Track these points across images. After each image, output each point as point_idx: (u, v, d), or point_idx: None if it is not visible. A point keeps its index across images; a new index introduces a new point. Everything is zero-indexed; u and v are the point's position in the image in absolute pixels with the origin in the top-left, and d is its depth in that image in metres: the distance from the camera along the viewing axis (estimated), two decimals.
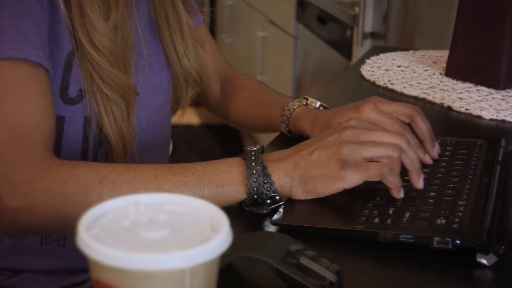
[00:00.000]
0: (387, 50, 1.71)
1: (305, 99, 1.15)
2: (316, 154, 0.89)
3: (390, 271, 0.81)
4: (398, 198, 0.89)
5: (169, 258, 0.50)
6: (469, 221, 0.84)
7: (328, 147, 0.89)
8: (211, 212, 0.56)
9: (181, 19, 1.10)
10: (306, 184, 0.89)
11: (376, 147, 0.89)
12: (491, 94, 1.43)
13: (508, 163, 1.02)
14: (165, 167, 0.89)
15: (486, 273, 0.79)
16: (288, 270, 0.73)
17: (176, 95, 1.16)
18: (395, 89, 1.45)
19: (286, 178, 0.89)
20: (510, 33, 1.43)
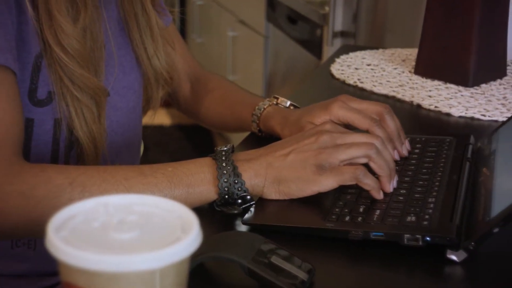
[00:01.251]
0: (357, 48, 1.72)
1: (276, 98, 1.15)
2: (291, 156, 0.90)
3: (361, 268, 0.82)
4: (380, 198, 0.89)
5: (139, 259, 0.50)
6: (439, 218, 0.84)
7: (304, 151, 0.90)
8: (181, 212, 0.56)
9: (150, 19, 1.10)
10: (280, 185, 0.89)
11: (351, 148, 0.89)
12: (460, 92, 1.44)
13: (477, 160, 1.03)
14: (135, 169, 0.89)
15: (456, 269, 0.80)
16: (260, 269, 0.73)
17: (147, 95, 1.16)
18: (365, 87, 1.46)
19: (258, 178, 0.89)
20: (478, 31, 1.44)
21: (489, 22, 1.47)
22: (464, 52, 1.46)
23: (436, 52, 1.50)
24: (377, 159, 0.90)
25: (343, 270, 0.82)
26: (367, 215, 0.86)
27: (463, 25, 1.45)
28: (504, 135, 1.02)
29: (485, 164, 0.98)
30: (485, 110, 1.34)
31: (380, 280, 0.79)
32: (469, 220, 0.85)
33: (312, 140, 0.91)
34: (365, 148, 0.90)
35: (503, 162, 0.94)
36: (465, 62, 1.46)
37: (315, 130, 0.93)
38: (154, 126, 3.94)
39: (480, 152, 1.04)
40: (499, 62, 1.53)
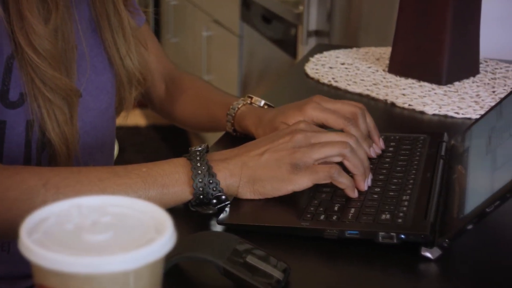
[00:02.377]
0: (331, 47, 1.72)
1: (250, 97, 1.15)
2: (266, 156, 0.90)
3: (336, 267, 0.82)
4: (354, 197, 0.89)
5: (112, 260, 0.50)
6: (413, 216, 0.85)
7: (279, 151, 0.90)
8: (155, 213, 0.55)
9: (122, 19, 1.09)
10: (255, 185, 0.90)
11: (326, 147, 0.90)
12: (433, 90, 1.44)
13: (450, 157, 1.03)
14: (110, 170, 0.89)
15: (430, 266, 0.81)
16: (235, 269, 0.73)
17: (120, 96, 1.15)
18: (339, 86, 1.46)
19: (233, 178, 0.89)
20: (450, 29, 1.45)
21: (461, 20, 1.48)
22: (437, 51, 1.47)
23: (410, 50, 1.50)
24: (351, 158, 0.90)
25: (319, 268, 0.82)
26: (342, 213, 0.86)
27: (436, 23, 1.46)
28: (477, 132, 1.03)
29: (459, 162, 0.99)
30: (459, 108, 1.35)
31: (355, 278, 0.80)
32: (443, 217, 0.86)
33: (286, 140, 0.91)
34: (339, 147, 0.90)
35: (477, 159, 0.95)
36: (438, 60, 1.47)
37: (290, 129, 0.93)
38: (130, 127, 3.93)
39: (454, 149, 1.05)
40: (472, 60, 1.54)
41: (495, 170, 0.85)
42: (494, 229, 0.89)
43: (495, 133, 0.96)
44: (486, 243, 0.87)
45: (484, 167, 0.89)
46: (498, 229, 0.90)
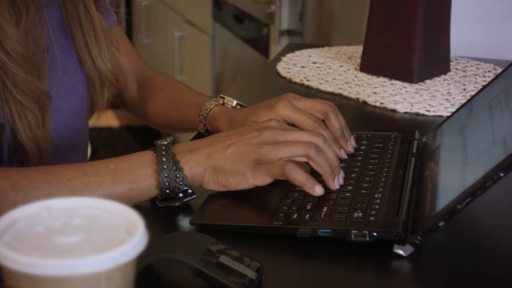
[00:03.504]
0: (303, 47, 1.73)
1: (222, 98, 1.15)
2: (231, 149, 0.90)
3: (309, 265, 0.82)
4: (314, 195, 0.89)
5: (83, 262, 0.49)
6: (385, 213, 0.85)
7: (244, 145, 0.90)
8: (126, 214, 0.55)
9: (94, 21, 1.09)
10: (218, 176, 0.90)
11: (290, 147, 0.90)
12: (404, 88, 1.45)
13: (422, 155, 1.04)
14: (78, 168, 0.88)
15: (403, 264, 0.81)
16: (208, 269, 0.73)
17: (92, 98, 1.15)
18: (311, 85, 1.46)
19: (199, 168, 0.90)
20: (421, 28, 1.46)
21: (432, 18, 1.49)
22: (408, 49, 1.47)
23: (381, 49, 1.51)
24: (316, 158, 0.90)
25: (292, 267, 0.82)
26: (314, 212, 0.87)
27: (406, 22, 1.47)
28: (448, 130, 1.03)
29: (430, 159, 1.00)
30: (430, 105, 1.36)
31: (328, 276, 0.80)
32: (415, 214, 0.86)
33: (254, 135, 0.92)
34: (304, 147, 0.90)
35: (448, 156, 0.95)
36: (409, 58, 1.47)
37: (259, 125, 0.94)
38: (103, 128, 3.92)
39: (425, 147, 1.06)
40: (443, 58, 1.55)
41: (466, 167, 0.86)
42: (466, 226, 0.90)
43: (465, 130, 0.97)
44: (458, 239, 0.87)
45: (455, 164, 0.90)
46: (469, 225, 0.90)
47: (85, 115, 1.14)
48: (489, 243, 0.88)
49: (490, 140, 0.85)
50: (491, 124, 0.90)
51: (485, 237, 0.89)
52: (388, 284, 0.79)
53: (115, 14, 1.22)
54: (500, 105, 0.92)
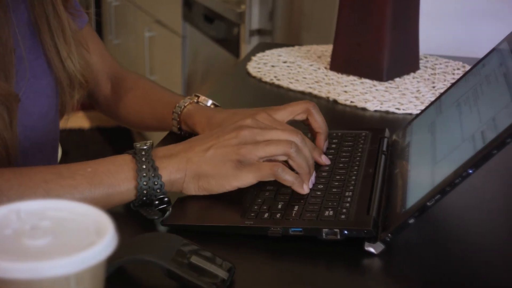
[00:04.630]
0: (273, 46, 1.73)
1: (197, 96, 1.15)
2: (211, 151, 0.90)
3: (281, 264, 0.82)
4: (304, 193, 0.90)
5: (52, 265, 0.49)
6: (356, 211, 0.85)
7: (224, 147, 0.90)
8: (96, 216, 0.55)
9: (62, 22, 1.08)
10: (200, 181, 0.89)
11: (270, 146, 0.90)
12: (374, 86, 1.46)
13: (392, 152, 1.04)
14: (54, 171, 0.87)
15: (374, 261, 0.81)
16: (179, 270, 0.73)
17: (62, 99, 1.14)
18: (281, 84, 1.47)
19: (178, 173, 0.89)
20: (390, 26, 1.47)
21: (401, 17, 1.49)
22: (378, 48, 1.48)
23: (351, 48, 1.52)
24: (295, 157, 0.91)
25: (264, 266, 0.82)
26: (285, 211, 0.87)
27: (375, 20, 1.47)
28: (417, 127, 1.04)
29: (400, 157, 1.00)
30: (400, 103, 1.37)
31: (300, 274, 0.80)
32: (386, 212, 0.87)
33: (232, 136, 0.91)
34: (284, 146, 0.90)
35: (417, 154, 0.96)
36: (378, 57, 1.48)
37: (236, 125, 0.93)
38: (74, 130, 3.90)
39: (395, 145, 1.06)
40: (412, 56, 1.56)
41: (435, 164, 0.86)
42: (437, 223, 0.91)
43: (435, 128, 0.97)
44: (428, 236, 0.88)
45: (425, 162, 0.90)
46: (440, 222, 0.91)
47: (54, 117, 1.13)
48: (459, 239, 0.89)
49: (459, 137, 0.86)
50: (459, 122, 0.90)
51: (455, 234, 0.90)
52: (360, 282, 0.80)
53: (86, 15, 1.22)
54: (468, 103, 0.92)
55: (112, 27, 4.13)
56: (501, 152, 0.76)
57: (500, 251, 0.86)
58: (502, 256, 0.85)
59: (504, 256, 0.85)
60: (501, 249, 0.87)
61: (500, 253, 0.86)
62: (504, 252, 0.86)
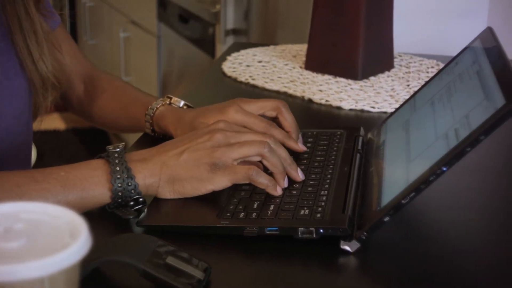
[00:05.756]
0: (248, 46, 1.73)
1: (169, 98, 1.15)
2: (185, 155, 0.90)
3: (257, 264, 0.82)
4: (277, 195, 0.90)
5: (26, 267, 0.49)
6: (332, 210, 0.86)
7: (198, 150, 0.90)
8: (70, 218, 0.55)
9: (34, 23, 1.07)
10: (174, 185, 0.89)
11: (244, 147, 0.90)
12: (349, 85, 1.46)
13: (367, 151, 1.05)
14: (27, 175, 0.87)
15: (350, 260, 0.82)
16: (155, 270, 0.72)
17: (35, 100, 1.13)
18: (256, 84, 1.47)
19: (153, 178, 0.89)
20: (364, 25, 1.47)
21: (375, 16, 1.50)
22: (352, 46, 1.48)
23: (325, 47, 1.52)
24: (270, 157, 0.91)
25: (240, 266, 0.82)
26: (261, 211, 0.87)
27: (350, 19, 1.48)
28: (392, 126, 1.04)
29: (375, 155, 1.01)
30: (374, 102, 1.37)
31: (276, 274, 0.80)
32: (362, 210, 0.87)
33: (205, 139, 0.91)
34: (258, 146, 0.90)
35: (392, 152, 0.96)
36: (353, 56, 1.48)
37: (209, 128, 0.93)
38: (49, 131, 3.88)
39: (370, 143, 1.07)
40: (387, 55, 1.56)
41: (410, 162, 0.87)
42: (412, 221, 0.91)
43: (409, 126, 0.98)
44: (404, 234, 0.88)
45: (400, 160, 0.90)
46: (415, 220, 0.92)
47: (28, 118, 1.13)
48: (435, 237, 0.89)
49: (433, 135, 0.86)
50: (433, 119, 0.91)
51: (430, 232, 0.90)
52: (336, 280, 0.80)
53: (59, 16, 1.21)
54: (442, 100, 0.93)
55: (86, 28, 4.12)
56: (474, 150, 0.77)
57: (475, 248, 0.87)
58: (478, 253, 0.86)
59: (479, 253, 0.85)
60: (477, 246, 0.87)
61: (475, 250, 0.86)
62: (480, 250, 0.86)
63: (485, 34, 0.96)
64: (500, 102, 0.76)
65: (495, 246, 0.88)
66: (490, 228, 0.92)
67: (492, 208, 0.98)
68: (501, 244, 0.88)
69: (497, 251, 0.86)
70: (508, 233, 0.91)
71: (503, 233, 0.91)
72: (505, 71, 0.82)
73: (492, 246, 0.88)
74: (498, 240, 0.89)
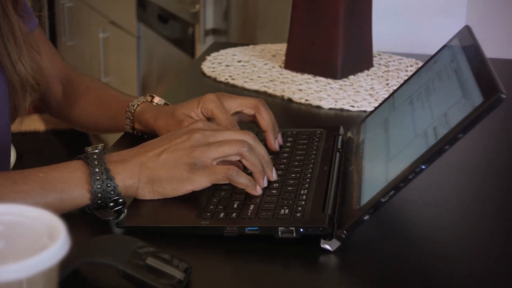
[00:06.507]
0: (228, 45, 1.73)
1: (151, 96, 1.15)
2: (164, 156, 0.90)
3: (237, 263, 0.82)
4: (257, 194, 0.90)
5: (4, 270, 0.48)
6: (312, 209, 0.86)
7: (176, 150, 0.90)
8: (48, 220, 0.54)
9: (12, 24, 1.07)
10: (154, 185, 0.89)
11: (223, 146, 0.90)
12: (329, 84, 1.47)
13: (347, 150, 1.05)
14: (5, 176, 0.87)
15: (330, 258, 0.82)
16: (135, 271, 0.72)
17: (14, 102, 1.12)
18: (236, 84, 1.47)
19: (132, 179, 0.89)
20: (343, 24, 1.47)
21: (354, 15, 1.50)
22: (331, 46, 1.49)
23: (305, 46, 1.52)
24: (249, 156, 0.91)
25: (220, 266, 0.82)
26: (241, 210, 0.87)
27: (328, 19, 1.48)
28: (371, 124, 1.05)
29: (355, 154, 1.01)
30: (354, 101, 1.37)
31: (257, 273, 0.80)
32: (342, 209, 0.87)
33: (184, 139, 0.91)
34: (237, 146, 0.90)
35: (372, 150, 0.96)
36: (332, 55, 1.49)
37: (188, 128, 0.94)
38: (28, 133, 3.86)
39: (350, 142, 1.07)
40: (366, 54, 1.57)
41: (389, 160, 0.87)
42: (392, 219, 0.91)
43: (388, 124, 0.98)
44: (384, 232, 0.89)
45: (379, 158, 0.91)
46: (395, 218, 0.92)
47: (7, 120, 1.12)
48: (414, 234, 0.89)
49: (412, 133, 0.86)
50: (412, 118, 0.91)
51: (410, 229, 0.91)
52: (316, 279, 0.80)
53: (36, 18, 1.20)
54: (421, 99, 0.93)
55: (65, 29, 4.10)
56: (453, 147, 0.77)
57: (455, 246, 0.87)
58: (457, 251, 0.86)
59: (459, 252, 0.86)
60: (456, 245, 0.87)
61: (455, 248, 0.86)
62: (459, 248, 0.87)
63: (463, 32, 0.96)
64: (478, 100, 0.76)
65: (473, 243, 0.88)
66: (468, 225, 0.93)
67: (471, 205, 0.99)
68: (479, 241, 0.89)
69: (475, 248, 0.87)
70: (485, 230, 0.92)
71: (481, 230, 0.92)
72: (482, 69, 0.82)
73: (470, 243, 0.88)
74: (476, 237, 0.90)
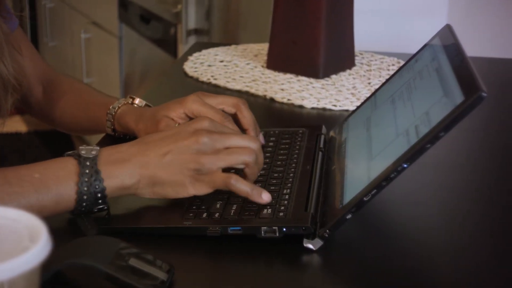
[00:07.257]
0: (210, 45, 1.73)
1: (132, 98, 1.14)
2: (169, 157, 0.87)
3: (220, 264, 0.82)
4: (263, 203, 0.87)
5: None
6: (294, 208, 0.86)
7: (183, 153, 0.87)
8: (29, 221, 0.54)
9: None
10: (155, 187, 0.87)
11: (232, 156, 0.88)
12: (311, 84, 1.47)
13: (329, 149, 1.05)
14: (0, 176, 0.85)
15: (313, 257, 0.82)
16: (118, 273, 0.72)
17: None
18: (218, 84, 1.47)
19: (132, 179, 0.86)
20: (325, 24, 1.48)
21: (335, 14, 1.50)
22: (313, 45, 1.49)
23: (287, 46, 1.52)
24: (253, 167, 0.89)
25: (203, 266, 0.82)
26: (224, 210, 0.87)
27: (310, 18, 1.48)
28: (353, 123, 1.05)
29: (337, 153, 1.01)
30: (336, 100, 1.38)
31: (240, 273, 0.80)
32: (324, 208, 0.87)
33: (191, 142, 0.87)
34: (245, 155, 0.88)
35: (354, 149, 0.97)
36: (314, 54, 1.49)
37: (194, 127, 0.90)
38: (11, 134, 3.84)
39: (332, 141, 1.07)
40: (348, 53, 1.57)
41: (371, 159, 0.87)
42: (375, 218, 0.91)
43: (370, 123, 0.98)
44: (367, 231, 0.89)
45: (361, 157, 0.91)
46: (378, 217, 0.92)
47: None
48: (398, 234, 0.90)
49: (394, 132, 0.87)
50: (394, 117, 0.91)
51: (392, 228, 0.91)
52: (299, 278, 0.80)
53: (17, 18, 1.20)
54: (402, 98, 0.93)
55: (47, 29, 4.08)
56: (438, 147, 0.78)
57: (438, 245, 0.87)
58: (440, 250, 0.86)
59: (442, 250, 0.86)
60: (439, 243, 0.88)
61: (438, 247, 0.87)
62: (444, 247, 0.87)
63: (444, 31, 0.97)
64: (459, 98, 0.77)
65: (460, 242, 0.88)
66: (451, 224, 0.93)
67: (453, 204, 0.99)
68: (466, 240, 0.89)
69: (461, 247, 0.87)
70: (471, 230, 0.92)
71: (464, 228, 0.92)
72: (463, 68, 0.82)
73: (453, 242, 0.88)
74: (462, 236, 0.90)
